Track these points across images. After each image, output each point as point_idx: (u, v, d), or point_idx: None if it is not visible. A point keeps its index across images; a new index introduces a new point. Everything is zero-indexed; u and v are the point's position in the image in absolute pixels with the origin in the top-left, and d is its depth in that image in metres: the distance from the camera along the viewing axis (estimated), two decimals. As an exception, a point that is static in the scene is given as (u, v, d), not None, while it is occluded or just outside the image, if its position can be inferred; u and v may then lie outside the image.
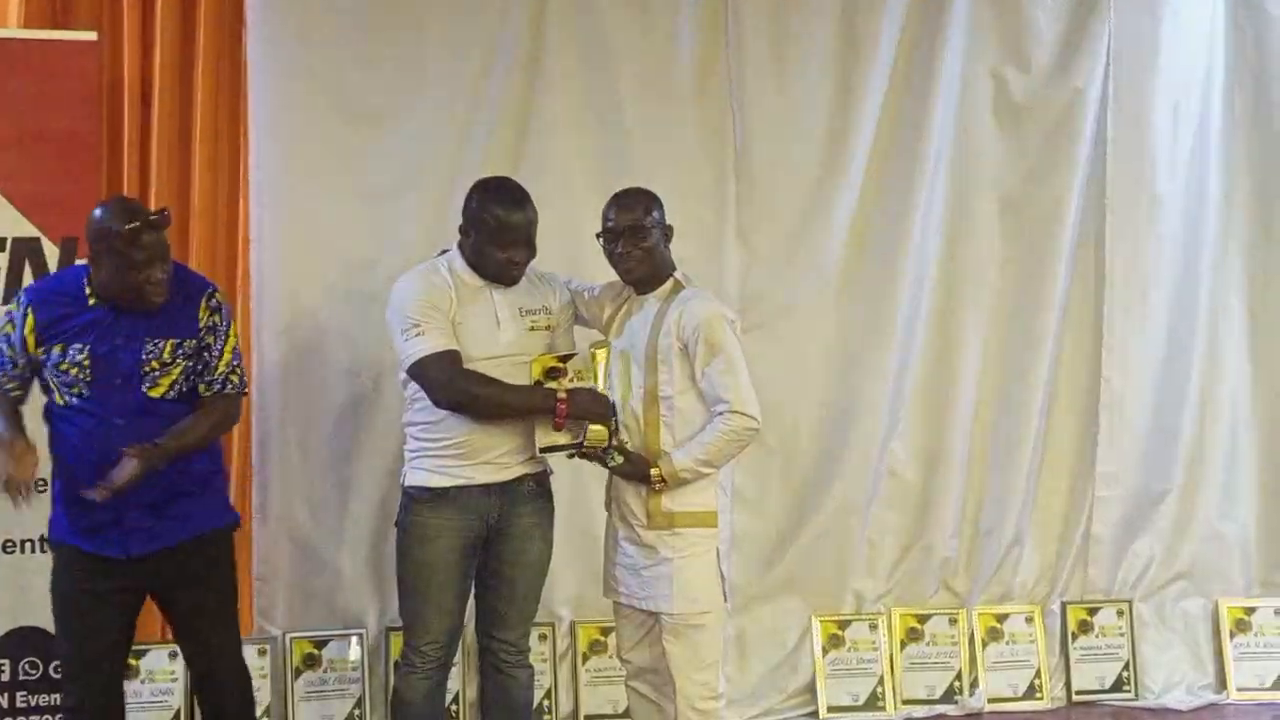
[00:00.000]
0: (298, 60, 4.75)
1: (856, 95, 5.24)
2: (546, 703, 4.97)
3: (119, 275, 3.64)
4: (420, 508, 3.97)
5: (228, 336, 3.85)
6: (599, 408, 3.93)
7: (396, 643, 4.78)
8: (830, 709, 5.21)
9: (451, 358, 3.87)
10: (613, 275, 4.03)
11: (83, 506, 3.67)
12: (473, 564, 4.02)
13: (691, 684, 3.91)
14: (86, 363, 3.68)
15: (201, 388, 3.81)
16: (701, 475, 3.90)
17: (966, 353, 5.39)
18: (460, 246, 4.02)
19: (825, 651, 5.26)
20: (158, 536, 3.73)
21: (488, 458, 3.94)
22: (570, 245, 4.68)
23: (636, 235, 3.91)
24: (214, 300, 3.84)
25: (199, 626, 3.88)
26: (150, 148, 4.67)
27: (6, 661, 4.32)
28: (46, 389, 3.76)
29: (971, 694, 5.31)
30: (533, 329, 4.02)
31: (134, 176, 4.65)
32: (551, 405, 3.88)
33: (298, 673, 4.82)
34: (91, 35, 4.42)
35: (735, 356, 3.87)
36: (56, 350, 3.69)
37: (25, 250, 4.29)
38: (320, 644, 4.85)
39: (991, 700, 5.33)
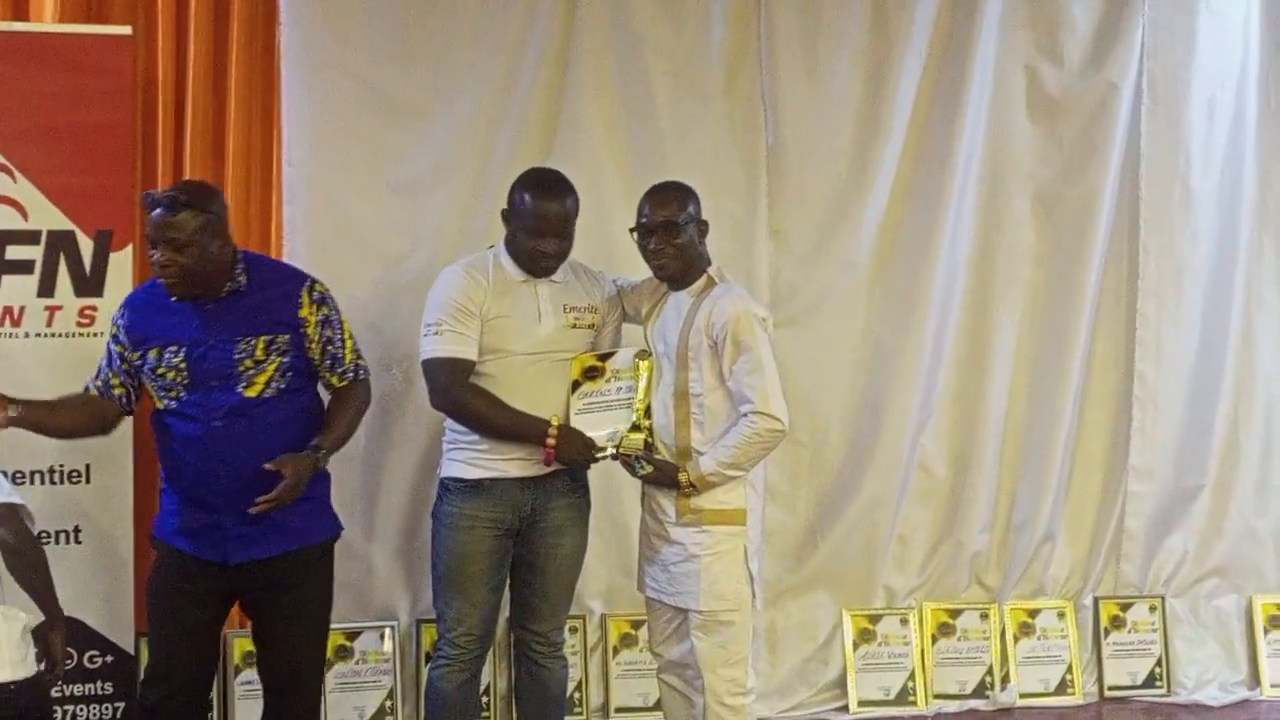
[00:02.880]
0: (330, 55, 4.74)
1: (889, 89, 5.21)
2: (577, 695, 4.98)
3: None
4: (455, 498, 3.99)
5: (342, 324, 3.83)
6: (581, 458, 3.95)
7: (428, 635, 4.81)
8: (861, 703, 5.20)
9: (455, 366, 3.90)
10: (647, 271, 4.03)
11: (186, 509, 3.69)
12: (507, 556, 4.04)
13: (720, 680, 3.92)
14: (183, 365, 3.65)
15: (335, 379, 3.82)
16: (729, 479, 3.89)
17: (998, 347, 5.36)
18: (505, 237, 4.04)
19: (856, 646, 5.25)
20: (257, 546, 3.69)
21: (522, 452, 3.94)
22: (600, 240, 4.65)
23: (670, 232, 3.90)
24: (316, 292, 3.78)
25: (283, 633, 3.83)
26: (184, 142, 4.68)
27: (42, 651, 4.32)
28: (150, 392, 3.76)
29: (1003, 689, 5.30)
30: (575, 326, 4.02)
31: (168, 170, 4.65)
32: (540, 439, 3.90)
33: (329, 665, 4.82)
34: (126, 29, 4.42)
35: (762, 356, 3.84)
36: (152, 354, 3.68)
37: (60, 243, 4.29)
38: (352, 636, 4.85)
39: (1023, 695, 5.32)
